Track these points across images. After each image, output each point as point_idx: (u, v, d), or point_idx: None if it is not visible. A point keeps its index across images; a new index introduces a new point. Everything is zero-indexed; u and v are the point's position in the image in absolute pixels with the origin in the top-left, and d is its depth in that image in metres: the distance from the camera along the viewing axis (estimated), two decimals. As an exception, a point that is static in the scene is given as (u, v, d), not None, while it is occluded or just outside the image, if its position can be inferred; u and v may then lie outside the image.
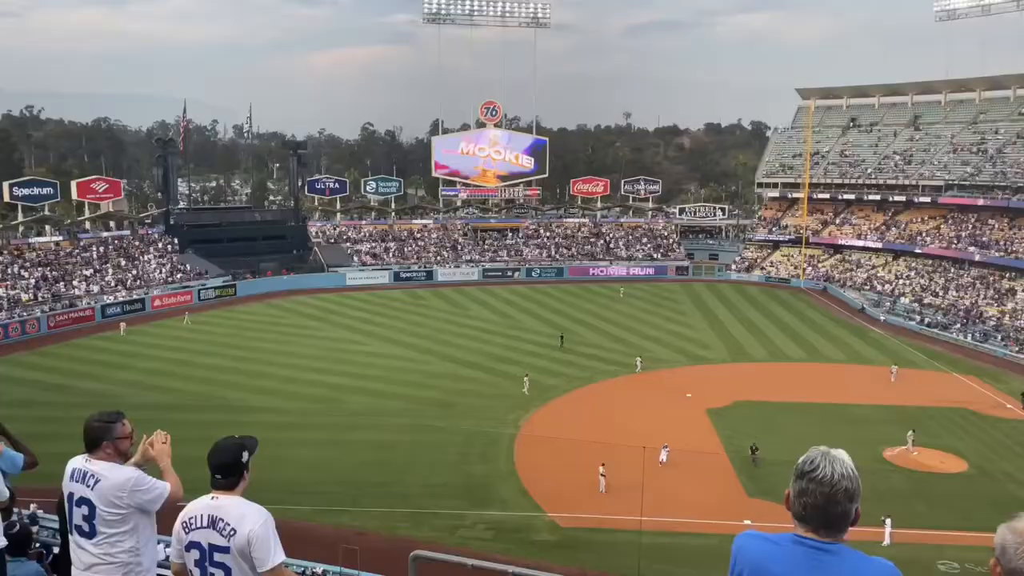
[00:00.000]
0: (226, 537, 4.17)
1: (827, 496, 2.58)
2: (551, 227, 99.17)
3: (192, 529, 4.27)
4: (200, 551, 4.23)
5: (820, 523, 2.63)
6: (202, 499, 4.34)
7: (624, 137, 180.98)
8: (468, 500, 31.55)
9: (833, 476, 2.61)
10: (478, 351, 55.91)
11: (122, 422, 4.86)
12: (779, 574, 2.64)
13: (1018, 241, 70.73)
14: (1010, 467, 35.45)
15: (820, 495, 2.59)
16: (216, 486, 4.32)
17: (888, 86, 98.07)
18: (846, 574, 2.57)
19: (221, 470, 4.30)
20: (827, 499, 2.57)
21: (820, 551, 2.62)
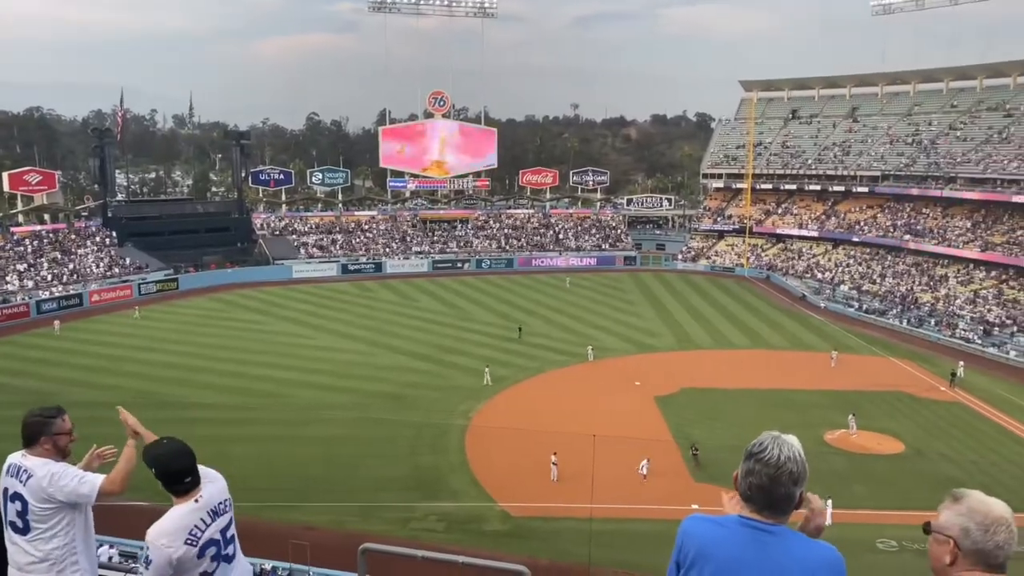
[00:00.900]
0: None
1: (772, 477, 2.63)
2: (500, 218, 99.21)
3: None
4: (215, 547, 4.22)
5: (764, 504, 2.68)
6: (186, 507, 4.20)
7: (572, 128, 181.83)
8: (419, 492, 31.45)
9: (779, 458, 2.66)
10: (428, 343, 55.68)
11: (62, 417, 4.74)
12: (723, 555, 2.68)
13: (951, 229, 73.34)
14: (944, 447, 36.80)
15: (765, 476, 2.64)
16: (178, 494, 4.21)
17: (827, 79, 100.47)
18: (789, 555, 2.62)
19: (184, 474, 4.20)
20: (772, 480, 2.62)
21: (764, 532, 2.66)
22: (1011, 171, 69.38)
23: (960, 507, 2.50)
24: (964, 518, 2.46)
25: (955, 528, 2.47)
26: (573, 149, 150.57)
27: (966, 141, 78.73)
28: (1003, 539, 2.41)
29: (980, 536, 2.40)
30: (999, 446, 37.29)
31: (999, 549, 2.39)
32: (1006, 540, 2.40)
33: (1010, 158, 71.04)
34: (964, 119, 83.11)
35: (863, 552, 26.78)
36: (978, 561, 2.41)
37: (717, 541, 2.70)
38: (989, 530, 2.42)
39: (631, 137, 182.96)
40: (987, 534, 2.41)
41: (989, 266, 66.40)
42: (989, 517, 2.44)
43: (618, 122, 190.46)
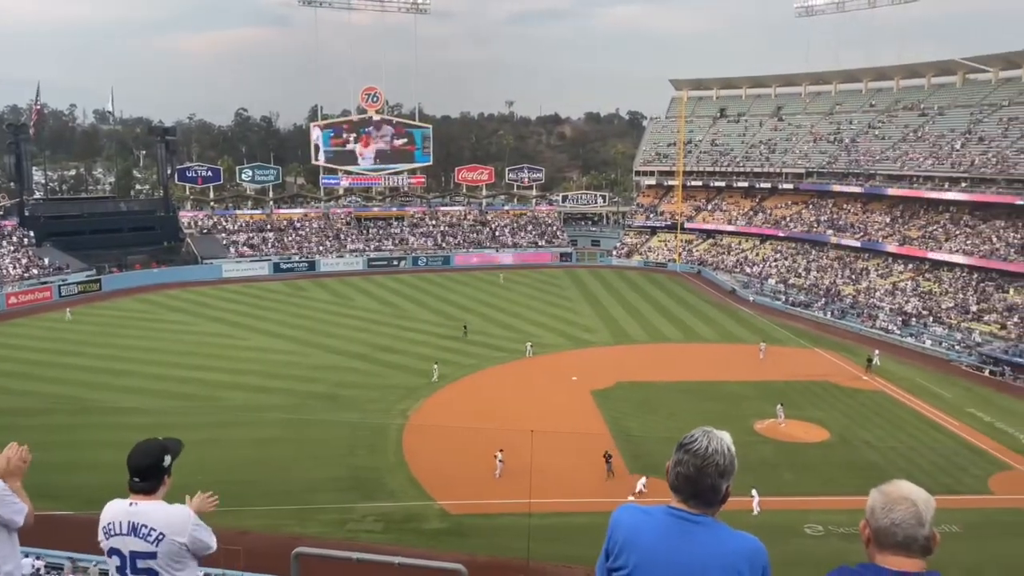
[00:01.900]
0: (152, 543, 4.08)
1: (698, 468, 2.69)
2: (437, 215, 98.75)
3: (111, 535, 4.14)
4: (121, 558, 4.12)
5: (690, 494, 2.74)
6: (119, 503, 4.19)
7: (507, 125, 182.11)
8: (356, 493, 31.08)
9: (707, 449, 2.72)
10: (364, 342, 55.06)
11: None
12: (648, 542, 2.73)
13: (871, 224, 76.27)
14: (867, 434, 38.28)
15: (692, 466, 2.70)
16: (134, 489, 4.18)
17: (753, 78, 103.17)
18: (712, 545, 2.68)
19: (139, 473, 4.16)
20: (698, 471, 2.68)
21: (689, 522, 2.72)
22: (926, 168, 72.54)
23: (880, 488, 2.60)
24: (875, 498, 2.57)
25: (868, 508, 2.57)
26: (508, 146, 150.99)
27: (884, 139, 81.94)
28: (899, 517, 2.47)
29: (880, 514, 2.49)
30: (918, 432, 38.98)
31: (895, 526, 2.46)
32: (903, 518, 2.47)
33: (925, 156, 74.27)
34: (882, 118, 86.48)
35: (791, 537, 27.67)
36: (881, 540, 2.50)
37: (642, 529, 2.76)
38: (887, 507, 2.51)
39: (566, 135, 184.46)
40: (884, 510, 2.50)
41: (907, 259, 69.31)
42: (892, 496, 2.53)
43: (553, 120, 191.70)
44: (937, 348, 54.34)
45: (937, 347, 54.46)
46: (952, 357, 52.52)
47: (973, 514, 29.62)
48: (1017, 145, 66.89)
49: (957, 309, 58.92)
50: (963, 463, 34.83)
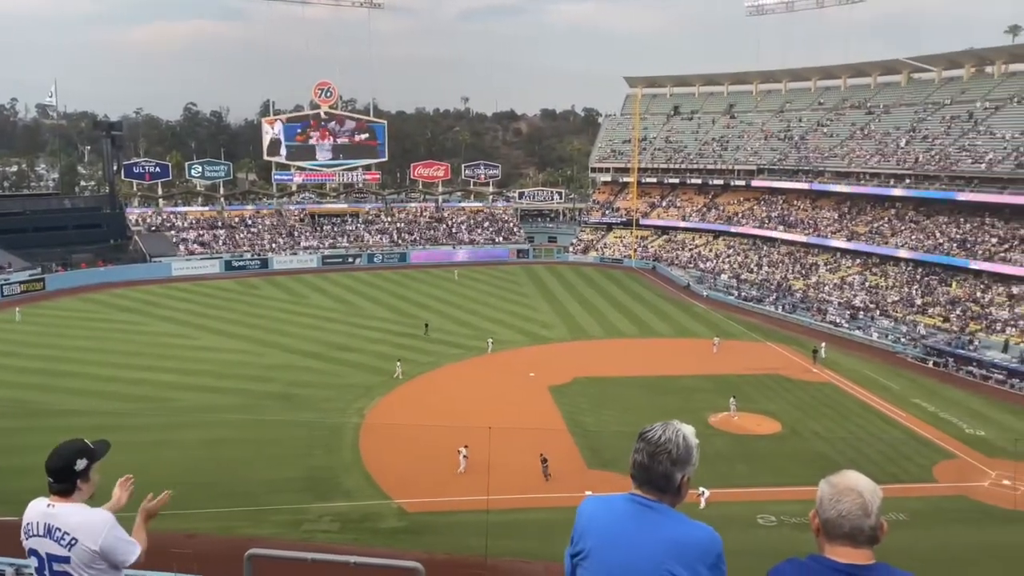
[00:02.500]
0: (65, 547, 3.98)
1: (651, 455, 2.73)
2: (392, 212, 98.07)
3: (30, 536, 4.08)
4: (39, 559, 4.06)
5: (644, 480, 2.79)
6: (39, 503, 4.12)
7: (463, 121, 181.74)
8: (312, 493, 30.70)
9: (660, 438, 2.76)
10: (319, 340, 54.43)
11: None
12: (604, 525, 2.81)
13: (820, 220, 77.95)
14: (817, 426, 39.13)
15: (646, 453, 2.75)
16: (52, 490, 4.12)
17: (706, 76, 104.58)
18: (664, 529, 2.71)
19: (53, 474, 4.10)
20: (651, 457, 2.72)
21: (643, 507, 2.75)
22: (872, 165, 74.38)
23: (828, 479, 2.64)
24: (824, 489, 2.62)
25: (818, 499, 2.61)
26: (464, 142, 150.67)
27: (832, 137, 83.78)
28: (846, 508, 2.51)
29: (828, 505, 2.54)
30: (865, 423, 39.98)
31: (842, 518, 2.50)
32: (850, 510, 2.51)
33: (871, 153, 76.14)
34: (830, 116, 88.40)
35: (745, 528, 28.14)
36: (830, 531, 2.55)
37: (600, 514, 2.83)
38: (834, 498, 2.55)
39: (522, 131, 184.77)
40: (832, 501, 2.55)
41: (854, 254, 71.02)
42: (839, 487, 2.57)
43: (508, 116, 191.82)
44: (884, 341, 55.79)
45: (884, 340, 55.91)
46: (898, 349, 53.98)
47: (918, 502, 30.52)
48: (959, 143, 68.98)
49: (903, 303, 60.58)
50: (909, 452, 35.82)
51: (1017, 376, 46.39)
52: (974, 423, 39.65)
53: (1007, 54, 77.21)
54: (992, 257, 58.77)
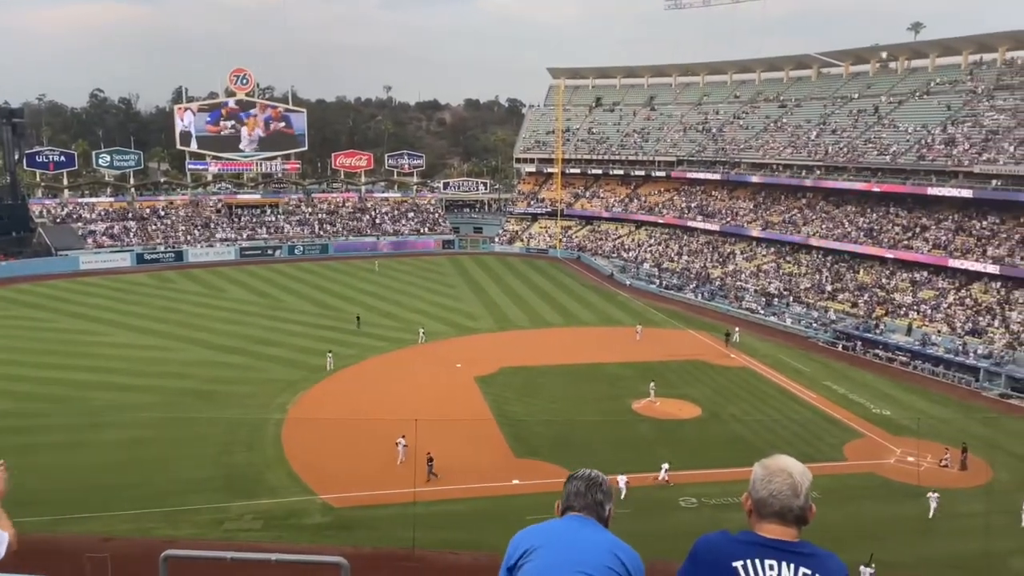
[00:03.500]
0: None
1: (587, 486, 3.02)
2: (314, 202, 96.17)
3: None
4: None
5: (581, 505, 2.97)
6: None
7: (386, 111, 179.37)
8: (233, 492, 29.95)
9: (591, 473, 3.04)
10: (238, 335, 53.05)
11: None
12: (547, 528, 2.91)
13: (736, 210, 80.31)
14: (735, 410, 40.42)
15: (582, 484, 2.99)
16: None
17: (627, 68, 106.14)
18: (607, 536, 2.82)
19: None
20: (587, 487, 2.98)
21: (581, 521, 2.85)
22: (785, 157, 77.00)
23: (762, 461, 2.75)
24: (757, 471, 2.76)
25: (751, 480, 2.72)
26: (387, 132, 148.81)
27: (748, 129, 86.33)
28: (776, 488, 2.66)
29: (760, 485, 2.67)
30: (780, 405, 41.54)
31: (772, 497, 2.65)
32: (779, 489, 2.66)
33: (784, 145, 78.81)
34: (746, 109, 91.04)
35: (667, 511, 28.90)
36: (760, 510, 2.68)
37: (540, 528, 2.91)
38: (766, 479, 2.69)
39: (446, 121, 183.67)
40: (763, 482, 2.69)
41: (769, 243, 73.48)
42: (771, 469, 2.72)
43: (432, 106, 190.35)
44: (797, 326, 57.98)
45: (797, 325, 58.11)
46: (810, 334, 56.21)
47: (830, 480, 31.91)
48: (865, 136, 72.08)
49: (814, 289, 63.07)
50: (821, 433, 37.40)
51: (919, 358, 48.95)
52: (880, 403, 41.68)
53: (909, 50, 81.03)
54: (896, 245, 61.74)
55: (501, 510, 28.73)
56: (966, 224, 59.68)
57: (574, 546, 2.77)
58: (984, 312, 51.43)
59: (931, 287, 56.97)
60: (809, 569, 2.53)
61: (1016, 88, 65.66)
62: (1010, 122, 61.24)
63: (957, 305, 53.50)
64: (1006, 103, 64.33)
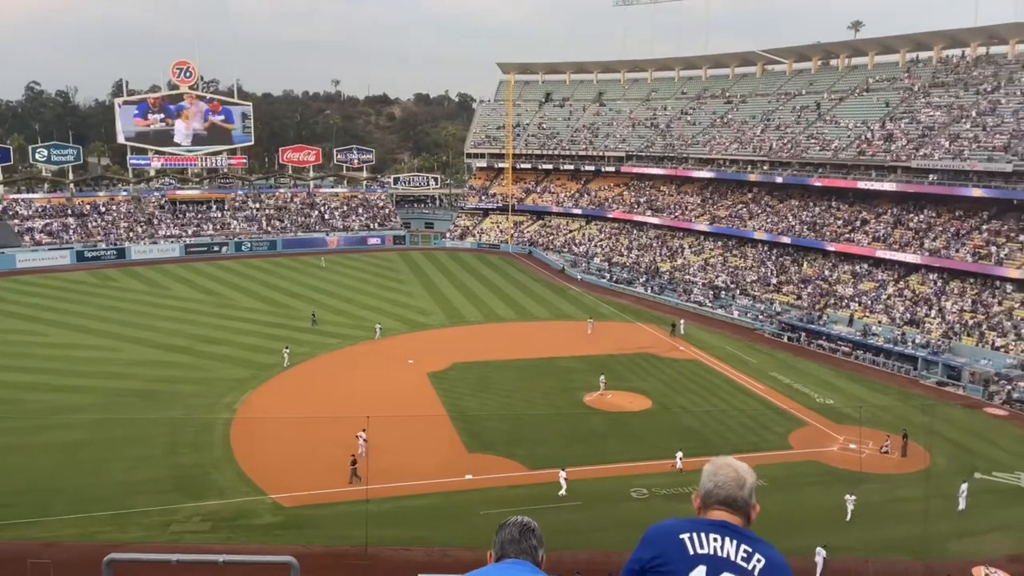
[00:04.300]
0: None
1: (520, 532, 3.02)
2: (261, 198, 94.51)
3: None
4: None
5: (517, 551, 3.01)
6: None
7: (334, 105, 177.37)
8: (180, 493, 29.33)
9: (523, 519, 3.06)
10: (183, 333, 51.92)
11: None
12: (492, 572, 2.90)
13: (684, 205, 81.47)
14: (684, 401, 41.10)
15: (516, 530, 3.01)
16: None
17: (576, 64, 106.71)
18: None
19: None
20: (521, 533, 3.01)
21: (519, 567, 2.91)
22: (731, 152, 78.39)
23: (711, 460, 2.96)
24: (705, 468, 2.92)
25: (701, 480, 2.91)
26: (336, 126, 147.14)
27: (695, 125, 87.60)
28: (722, 479, 2.83)
29: (707, 479, 2.85)
30: (728, 396, 42.35)
31: (718, 487, 2.81)
32: (725, 480, 2.82)
33: (730, 140, 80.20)
34: (693, 105, 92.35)
35: (619, 501, 29.27)
36: (707, 501, 2.84)
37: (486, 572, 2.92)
38: (713, 473, 2.87)
39: (395, 115, 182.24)
40: (710, 476, 2.85)
41: (716, 237, 74.77)
42: (718, 464, 2.89)
43: (381, 100, 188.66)
44: (744, 318, 59.17)
45: (744, 317, 59.30)
46: (756, 326, 57.41)
47: (776, 468, 32.69)
48: (808, 132, 73.78)
49: (760, 282, 64.41)
50: (767, 422, 38.26)
51: (861, 348, 50.40)
52: (824, 392, 42.81)
53: (850, 48, 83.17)
54: (838, 238, 63.40)
55: (454, 505, 28.75)
56: (904, 217, 61.60)
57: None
58: (921, 303, 53.19)
59: (871, 279, 58.68)
60: (750, 548, 2.64)
61: (951, 85, 67.97)
62: (945, 118, 63.35)
63: (896, 296, 55.22)
64: (941, 100, 66.52)
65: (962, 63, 70.87)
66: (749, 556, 2.62)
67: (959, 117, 62.33)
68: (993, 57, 69.55)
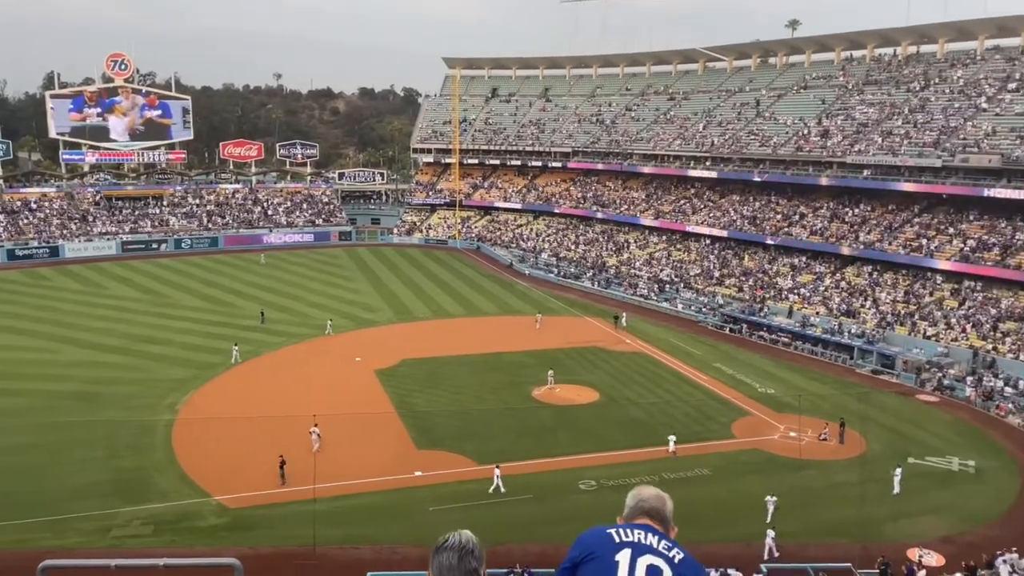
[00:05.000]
0: None
1: (459, 556, 2.91)
2: (201, 194, 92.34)
3: None
4: None
5: None
6: None
7: (276, 99, 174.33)
8: (121, 497, 28.56)
9: (461, 539, 2.95)
10: (121, 333, 50.52)
11: None
12: None
13: (631, 200, 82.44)
14: (631, 393, 41.65)
15: (454, 556, 2.90)
16: None
17: (522, 59, 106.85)
18: None
19: None
20: (459, 558, 2.90)
21: None
22: (675, 148, 79.55)
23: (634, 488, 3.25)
24: (629, 493, 3.18)
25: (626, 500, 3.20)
26: (278, 120, 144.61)
27: (639, 121, 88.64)
28: (645, 495, 3.13)
29: (631, 500, 3.15)
30: (673, 387, 43.09)
31: (641, 502, 3.10)
32: (648, 496, 3.12)
33: (674, 136, 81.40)
34: (637, 101, 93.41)
35: (568, 494, 29.55)
36: (630, 515, 3.10)
37: None
38: (636, 494, 3.16)
39: (339, 110, 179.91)
40: (634, 497, 3.15)
41: (661, 232, 75.87)
42: (640, 488, 3.20)
43: (325, 94, 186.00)
44: (688, 311, 60.21)
45: (688, 310, 60.35)
46: (700, 318, 58.48)
47: (719, 457, 33.45)
48: (748, 128, 75.37)
49: (703, 275, 65.62)
50: (711, 412, 39.05)
51: (800, 339, 51.79)
52: (765, 382, 43.90)
53: (787, 46, 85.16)
54: (777, 232, 64.97)
55: (403, 502, 28.66)
56: (840, 211, 63.43)
57: None
58: (857, 294, 54.90)
59: (809, 271, 60.32)
60: (670, 543, 2.84)
61: (883, 83, 70.18)
62: (878, 115, 65.41)
63: (833, 288, 56.89)
64: (874, 97, 68.65)
65: (894, 61, 73.24)
66: (669, 548, 2.82)
67: (891, 114, 64.44)
68: (923, 56, 72.05)
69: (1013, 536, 25.96)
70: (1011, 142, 53.34)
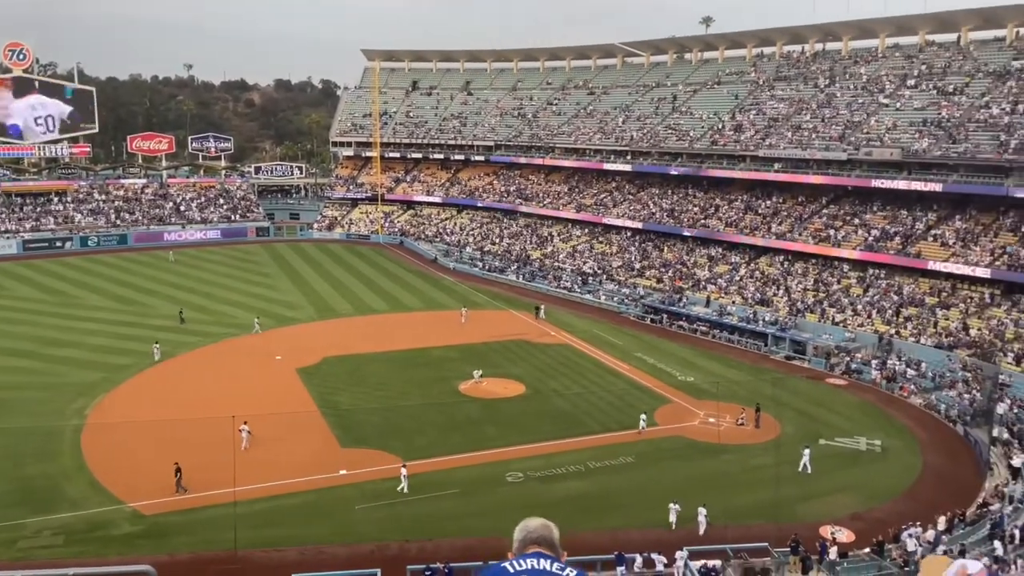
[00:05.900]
0: None
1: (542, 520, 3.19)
2: (108, 189, 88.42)
3: None
4: None
5: None
6: None
7: (187, 91, 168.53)
8: (28, 507, 27.12)
9: None
10: (25, 336, 48.01)
11: None
12: None
13: (552, 194, 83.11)
14: (557, 385, 42.07)
15: (536, 520, 3.18)
16: None
17: (443, 52, 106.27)
18: None
19: None
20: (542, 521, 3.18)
21: None
22: (596, 142, 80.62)
23: None
24: (517, 527, 3.28)
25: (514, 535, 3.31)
26: (190, 112, 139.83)
27: (560, 115, 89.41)
28: (532, 526, 3.25)
29: (519, 533, 3.26)
30: (597, 378, 43.74)
31: (529, 533, 3.21)
32: (535, 527, 3.24)
33: (594, 131, 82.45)
34: (558, 95, 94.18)
35: (495, 486, 29.65)
36: (521, 545, 3.22)
37: None
38: (523, 527, 3.27)
39: (255, 102, 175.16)
40: (521, 530, 3.26)
41: (583, 224, 76.81)
42: (526, 521, 3.31)
43: (239, 86, 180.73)
44: (610, 302, 61.18)
45: (610, 301, 61.32)
46: (622, 310, 59.53)
47: (643, 445, 34.15)
48: (666, 122, 77.00)
49: (625, 267, 66.79)
50: (633, 401, 39.79)
51: (718, 327, 53.31)
52: (685, 371, 45.04)
53: (702, 43, 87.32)
54: (695, 224, 66.68)
55: (328, 502, 28.23)
56: (753, 203, 65.56)
57: None
58: (770, 283, 56.89)
59: (725, 262, 62.16)
60: (562, 565, 2.99)
61: (792, 79, 72.77)
62: (788, 110, 67.82)
63: (748, 278, 58.78)
64: (784, 93, 71.13)
65: (802, 58, 76.03)
66: (563, 569, 2.98)
67: (800, 109, 66.92)
68: (829, 53, 75.06)
69: (917, 510, 27.44)
70: (910, 136, 56.19)
